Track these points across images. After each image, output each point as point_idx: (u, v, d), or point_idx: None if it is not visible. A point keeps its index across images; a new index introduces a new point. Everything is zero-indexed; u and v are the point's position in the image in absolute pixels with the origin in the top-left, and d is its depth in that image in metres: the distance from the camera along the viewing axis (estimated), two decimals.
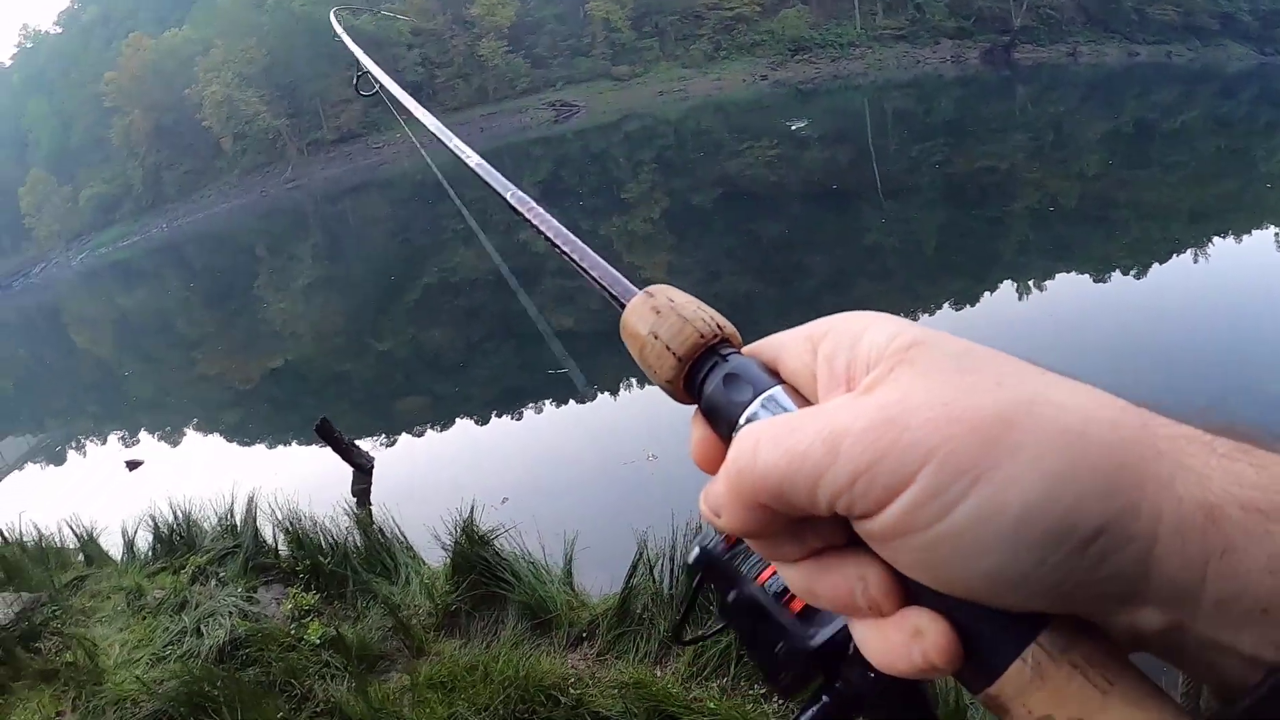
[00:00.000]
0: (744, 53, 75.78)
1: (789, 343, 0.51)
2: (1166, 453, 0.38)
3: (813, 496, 0.41)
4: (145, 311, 37.82)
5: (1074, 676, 0.38)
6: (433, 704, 4.46)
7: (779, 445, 0.43)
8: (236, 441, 15.47)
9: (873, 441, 0.40)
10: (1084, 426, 0.38)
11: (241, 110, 74.09)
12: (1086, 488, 0.37)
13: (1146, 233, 18.42)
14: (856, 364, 0.45)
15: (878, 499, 0.40)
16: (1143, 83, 53.00)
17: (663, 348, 0.54)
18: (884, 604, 0.42)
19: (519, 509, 6.85)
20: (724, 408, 0.50)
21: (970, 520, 0.38)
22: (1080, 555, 0.37)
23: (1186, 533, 0.37)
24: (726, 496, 0.45)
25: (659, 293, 0.59)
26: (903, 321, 0.46)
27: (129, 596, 6.51)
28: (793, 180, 31.16)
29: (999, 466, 0.38)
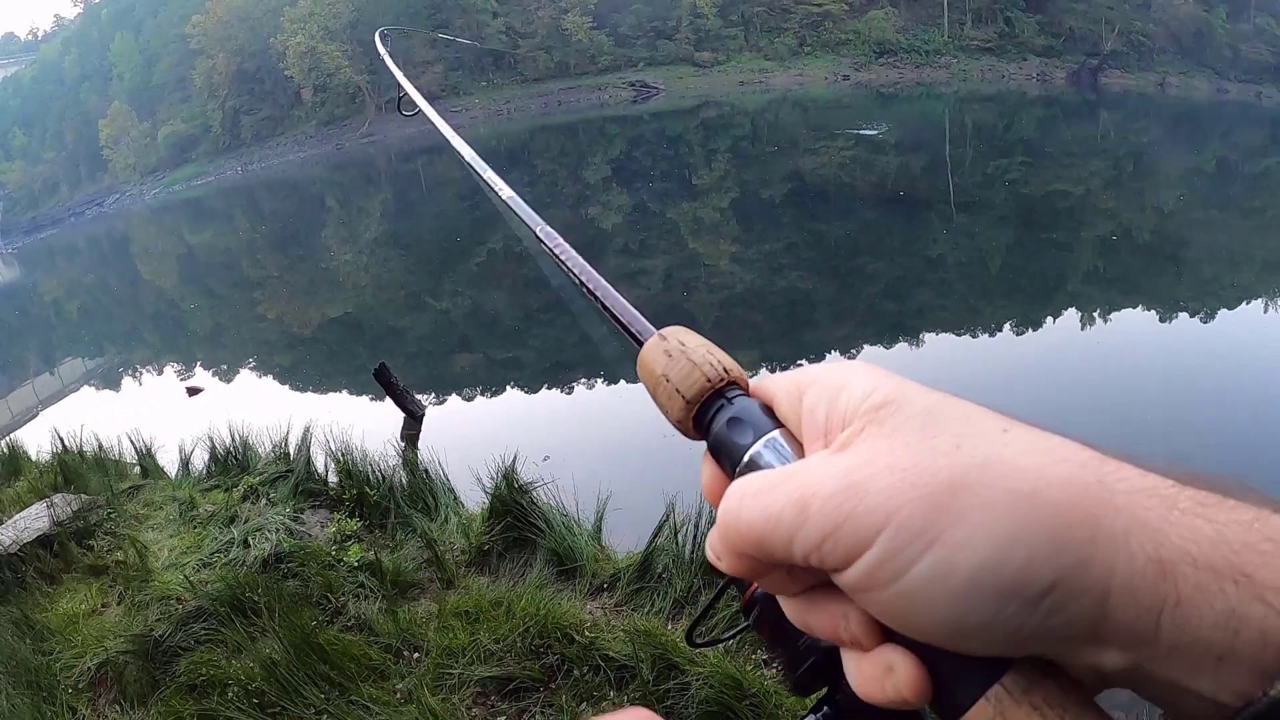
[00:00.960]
0: (828, 50, 74.96)
1: (781, 388, 0.55)
2: (1123, 508, 0.41)
3: (788, 552, 0.46)
4: (212, 249, 38.52)
5: (1033, 717, 0.42)
6: (456, 630, 4.73)
7: (757, 504, 0.47)
8: (290, 384, 15.83)
9: (836, 507, 0.44)
10: (1034, 487, 0.41)
11: (324, 63, 74.41)
12: (1036, 547, 0.40)
13: (1217, 276, 18.16)
14: (833, 418, 0.50)
15: (842, 558, 0.44)
16: (1229, 121, 51.74)
17: (673, 390, 0.59)
18: (863, 640, 0.47)
19: (559, 467, 7.13)
20: (728, 448, 0.55)
21: (925, 580, 0.41)
22: (1034, 608, 0.40)
23: (1138, 586, 0.39)
24: (720, 546, 0.50)
25: (671, 336, 0.62)
26: (879, 375, 0.50)
27: (181, 507, 6.85)
28: (865, 183, 31.01)
29: (950, 530, 0.41)
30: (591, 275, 0.83)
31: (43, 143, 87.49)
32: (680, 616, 5.06)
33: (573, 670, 4.44)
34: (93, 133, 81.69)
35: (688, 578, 5.23)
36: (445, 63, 75.95)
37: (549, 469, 6.95)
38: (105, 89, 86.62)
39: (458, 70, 76.26)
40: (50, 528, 6.27)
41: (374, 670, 4.51)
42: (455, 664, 4.48)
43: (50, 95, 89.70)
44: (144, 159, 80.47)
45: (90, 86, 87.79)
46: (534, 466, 6.98)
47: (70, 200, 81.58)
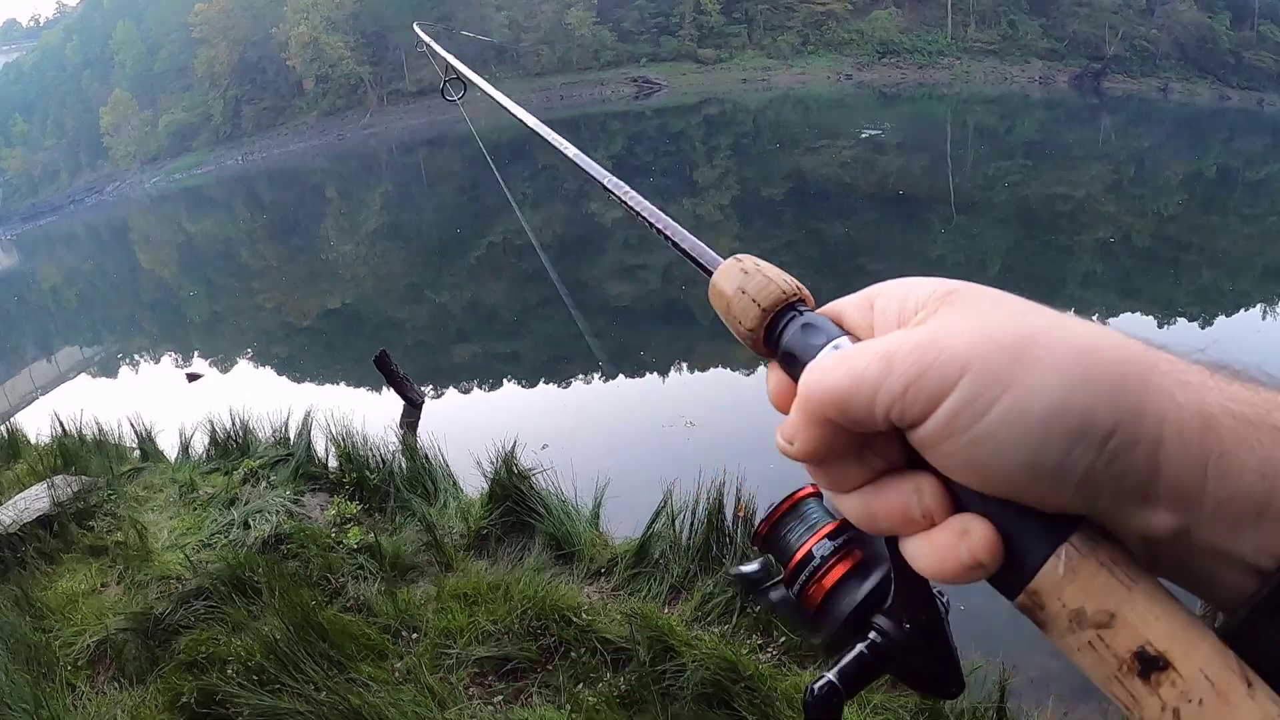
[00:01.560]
0: (831, 49, 75.00)
1: (850, 302, 0.58)
2: (1168, 371, 0.44)
3: (871, 408, 0.48)
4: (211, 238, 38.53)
5: (1100, 573, 0.44)
6: (454, 612, 4.77)
7: (842, 366, 0.50)
8: (289, 373, 15.84)
9: (919, 357, 0.46)
10: (1094, 344, 0.45)
11: (326, 54, 74.46)
12: (1098, 393, 0.43)
13: (1215, 282, 18.20)
14: (906, 310, 0.53)
15: (925, 406, 0.46)
16: (1231, 128, 51.75)
17: (749, 300, 0.61)
18: (936, 511, 0.48)
19: (558, 454, 7.16)
20: (800, 352, 0.57)
21: (1002, 422, 0.44)
22: (1098, 451, 0.43)
23: (1186, 436, 0.42)
24: (798, 419, 0.51)
25: (746, 259, 0.65)
26: (943, 279, 0.54)
27: (181, 490, 6.88)
28: (866, 183, 31.01)
29: (1024, 376, 0.44)
30: (660, 216, 0.87)
31: (43, 130, 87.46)
32: (677, 601, 5.10)
33: (570, 652, 4.48)
34: (93, 120, 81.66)
35: (684, 563, 5.27)
36: None
37: (548, 456, 6.99)
38: (107, 76, 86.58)
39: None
40: (50, 508, 6.28)
41: (373, 650, 4.54)
42: (453, 644, 4.52)
43: (51, 82, 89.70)
44: (144, 147, 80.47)
45: (92, 74, 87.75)
46: (533, 454, 7.01)
47: (70, 187, 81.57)
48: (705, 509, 5.51)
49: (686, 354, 13.18)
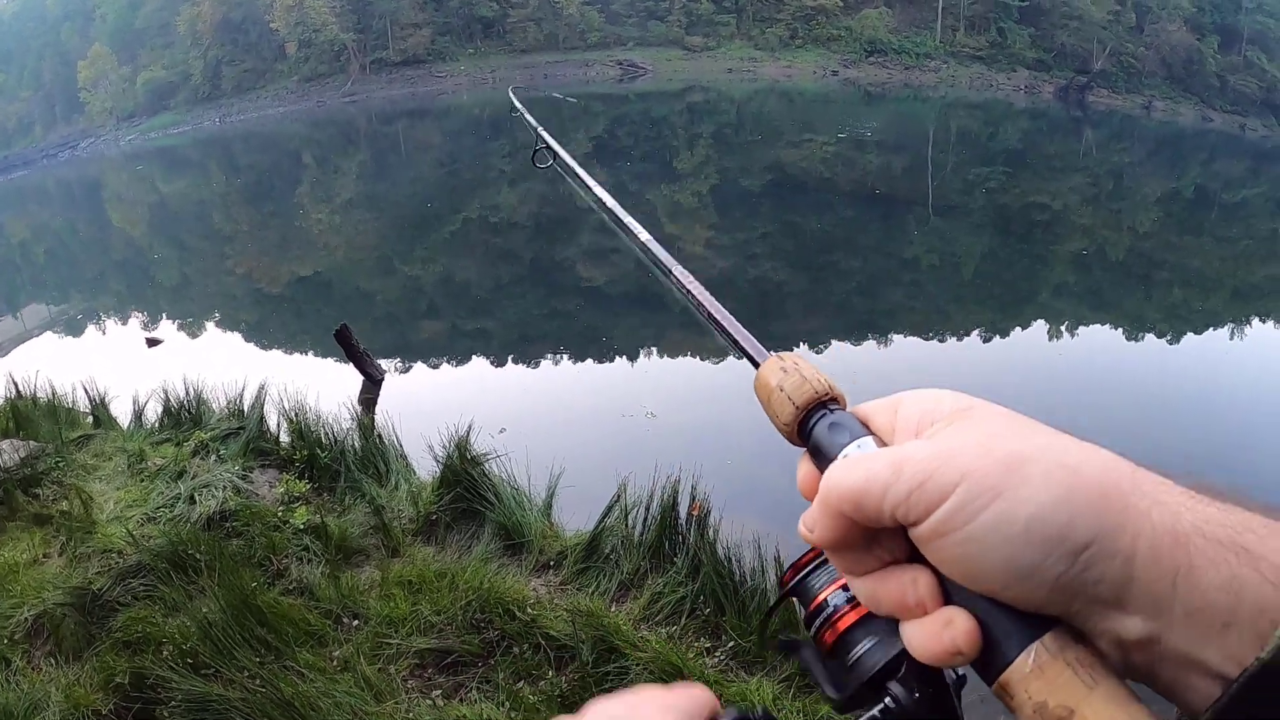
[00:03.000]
0: (819, 45, 75.03)
1: (877, 406, 0.64)
2: (1148, 492, 0.50)
3: (880, 506, 0.53)
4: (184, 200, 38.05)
5: (1066, 672, 0.49)
6: (398, 600, 4.69)
7: (859, 468, 0.56)
8: (255, 340, 15.68)
9: (925, 466, 0.52)
10: (1080, 464, 0.50)
11: (311, 18, 73.51)
12: (1079, 508, 0.48)
13: (1186, 300, 18.35)
14: (924, 420, 0.59)
15: (925, 509, 0.52)
16: (1211, 149, 52.22)
17: (785, 398, 0.68)
18: (928, 601, 0.54)
19: (515, 439, 7.09)
20: (826, 447, 0.63)
21: (991, 524, 0.49)
22: (1074, 559, 0.48)
23: (1158, 551, 0.47)
24: (819, 511, 0.57)
25: (788, 358, 0.72)
26: (966, 397, 0.60)
27: (130, 459, 6.75)
28: (845, 179, 31.07)
29: (1015, 488, 0.49)
30: (719, 309, 0.99)
31: (20, 81, 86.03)
32: (626, 599, 5.04)
33: (512, 647, 4.42)
34: (71, 74, 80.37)
35: (635, 560, 5.22)
36: (434, 26, 75.48)
37: (504, 441, 6.91)
38: (87, 30, 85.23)
39: (445, 35, 75.79)
40: None
41: (312, 636, 4.45)
42: (395, 634, 4.45)
43: (30, 33, 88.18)
44: (121, 104, 79.36)
45: (72, 26, 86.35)
46: (490, 438, 6.93)
47: (44, 141, 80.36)
48: (659, 505, 5.46)
49: (654, 341, 13.15)
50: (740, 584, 4.96)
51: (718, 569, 4.96)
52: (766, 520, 6.50)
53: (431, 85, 72.63)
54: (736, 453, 8.68)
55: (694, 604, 4.86)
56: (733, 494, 6.47)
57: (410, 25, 74.74)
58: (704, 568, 4.97)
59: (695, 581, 4.96)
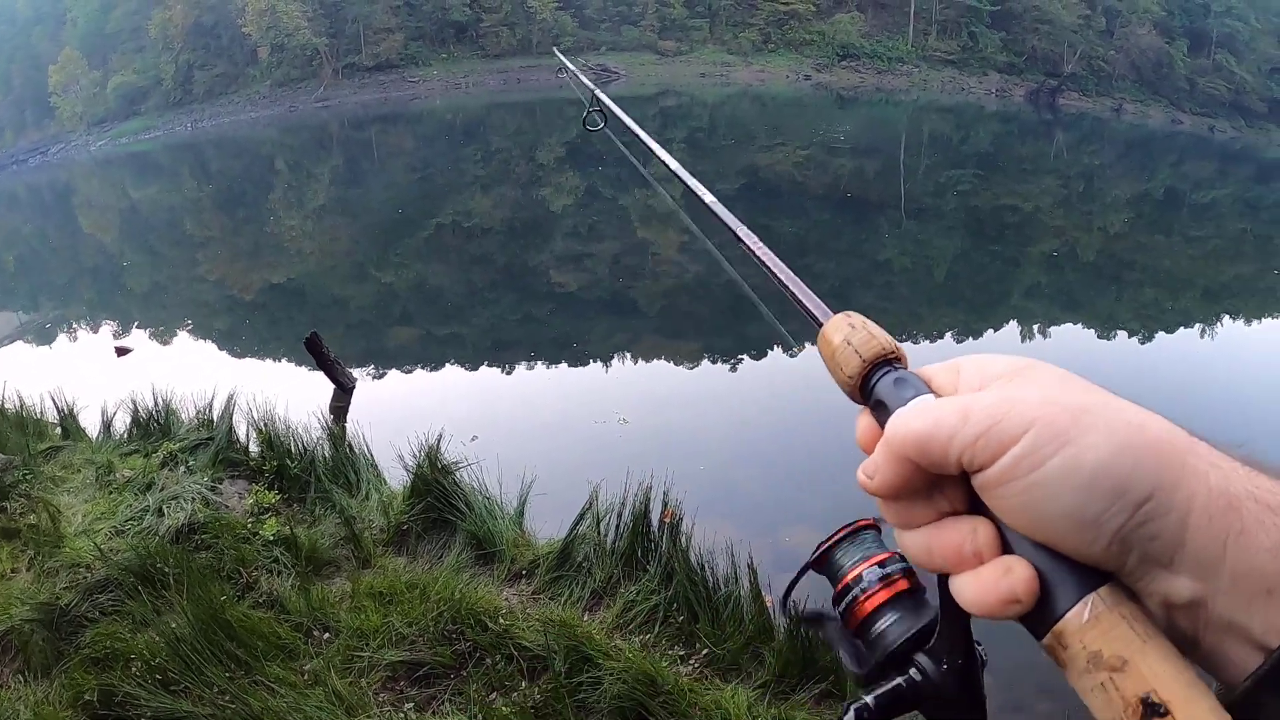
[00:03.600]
0: (792, 49, 75.29)
1: (939, 369, 0.65)
2: (1204, 455, 0.51)
3: (946, 451, 0.54)
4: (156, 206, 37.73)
5: (1120, 624, 0.50)
6: (369, 612, 4.66)
7: (925, 414, 0.56)
8: (227, 348, 15.54)
9: (993, 412, 0.53)
10: (1145, 421, 0.52)
11: (283, 22, 72.92)
12: (1141, 462, 0.49)
13: (1157, 300, 18.54)
14: (986, 377, 0.60)
15: (992, 453, 0.52)
16: (1180, 151, 52.80)
17: (853, 351, 0.68)
18: (986, 551, 0.54)
19: (486, 447, 7.07)
20: (890, 401, 0.63)
21: (1056, 472, 0.50)
22: (1133, 512, 0.49)
23: (1212, 512, 0.48)
24: (881, 456, 0.58)
25: (855, 316, 0.72)
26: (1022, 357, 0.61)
27: (99, 471, 6.68)
28: (818, 183, 31.19)
29: (1080, 436, 0.50)
30: (783, 269, 0.99)
31: None
32: (599, 608, 5.03)
33: (485, 658, 4.40)
34: (42, 78, 79.45)
35: (608, 568, 5.21)
36: (406, 31, 75.17)
37: (476, 449, 6.90)
38: (58, 34, 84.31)
39: (418, 40, 75.50)
40: None
41: (282, 649, 4.41)
42: (366, 646, 4.42)
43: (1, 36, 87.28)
44: (92, 109, 78.54)
45: (43, 30, 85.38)
46: (461, 446, 6.93)
47: (14, 147, 79.37)
48: (632, 512, 5.45)
49: (627, 346, 13.15)
50: (714, 591, 4.96)
51: (690, 576, 4.95)
52: (739, 526, 6.52)
53: (404, 90, 72.34)
54: (709, 458, 8.70)
55: (667, 612, 4.86)
56: (705, 500, 6.46)
57: (383, 30, 74.44)
58: (677, 575, 4.96)
59: (668, 589, 4.95)
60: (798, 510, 7.38)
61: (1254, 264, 24.39)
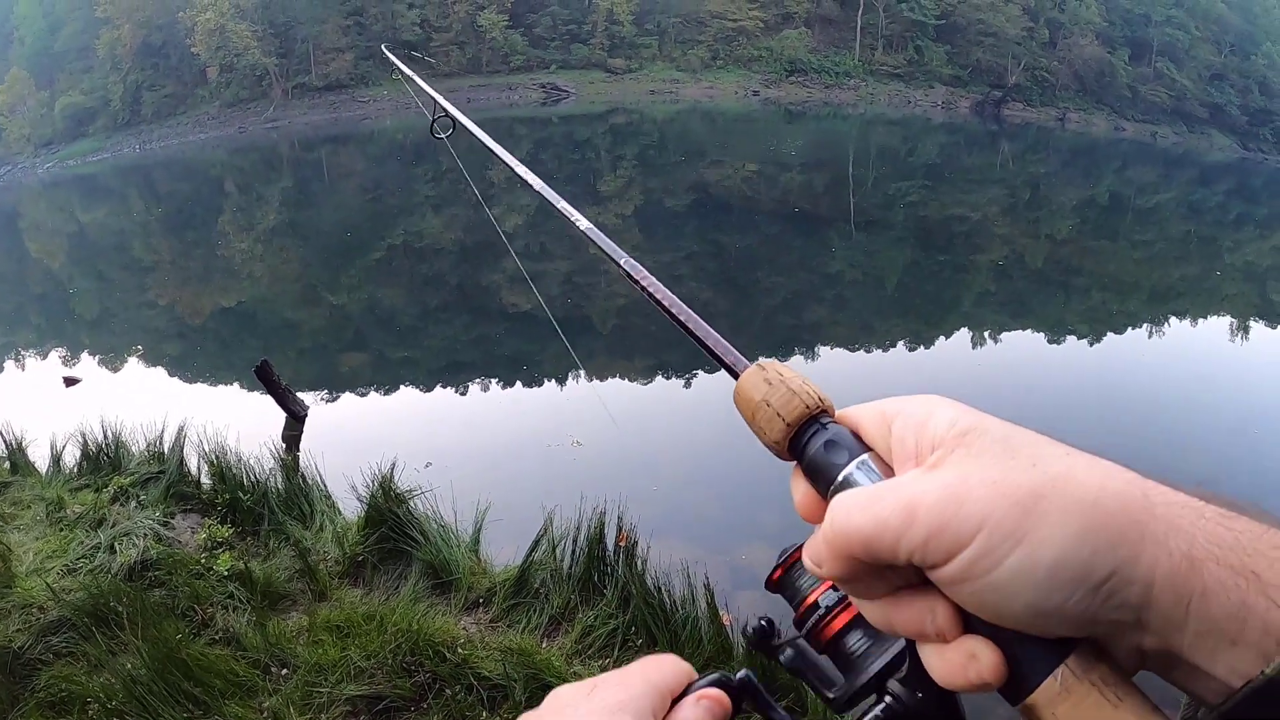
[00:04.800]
0: (740, 65, 75.85)
1: (867, 416, 0.63)
2: (1162, 516, 0.50)
3: (894, 551, 0.53)
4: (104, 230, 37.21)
5: (1092, 692, 0.50)
6: (326, 646, 4.64)
7: (867, 511, 0.55)
8: (177, 374, 15.34)
9: (940, 511, 0.52)
10: (1096, 497, 0.50)
11: (232, 42, 72.27)
12: (1099, 545, 0.49)
13: (1105, 303, 18.87)
14: (923, 443, 0.57)
15: (944, 555, 0.52)
16: (1124, 158, 53.82)
17: (774, 414, 0.64)
18: (947, 632, 0.54)
19: (440, 474, 7.08)
20: (824, 468, 0.61)
21: (1014, 571, 0.50)
22: (1096, 593, 0.49)
23: (1175, 578, 0.49)
24: (827, 551, 0.57)
25: (769, 366, 0.69)
26: (959, 407, 0.59)
27: (49, 508, 6.57)
28: (768, 198, 31.39)
29: (1034, 531, 0.50)
30: (682, 308, 0.89)
31: None
32: (557, 634, 5.05)
33: (445, 689, 4.39)
34: None
35: (565, 593, 5.23)
36: (356, 51, 74.79)
37: (430, 476, 6.89)
38: (4, 53, 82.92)
39: (368, 59, 75.03)
40: None
41: (240, 687, 4.38)
42: (324, 681, 4.39)
43: None
44: (39, 130, 77.23)
45: None
46: (415, 473, 6.92)
47: None
48: (587, 537, 5.48)
49: (578, 367, 13.16)
50: (671, 613, 4.99)
51: (647, 599, 4.98)
52: (695, 546, 6.56)
53: (354, 110, 71.95)
54: (663, 479, 8.74)
55: (626, 635, 4.88)
56: (660, 521, 6.51)
57: (333, 49, 74.08)
58: (634, 598, 4.99)
59: (626, 613, 4.98)
60: (753, 528, 7.43)
61: (1198, 265, 24.95)
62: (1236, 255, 26.88)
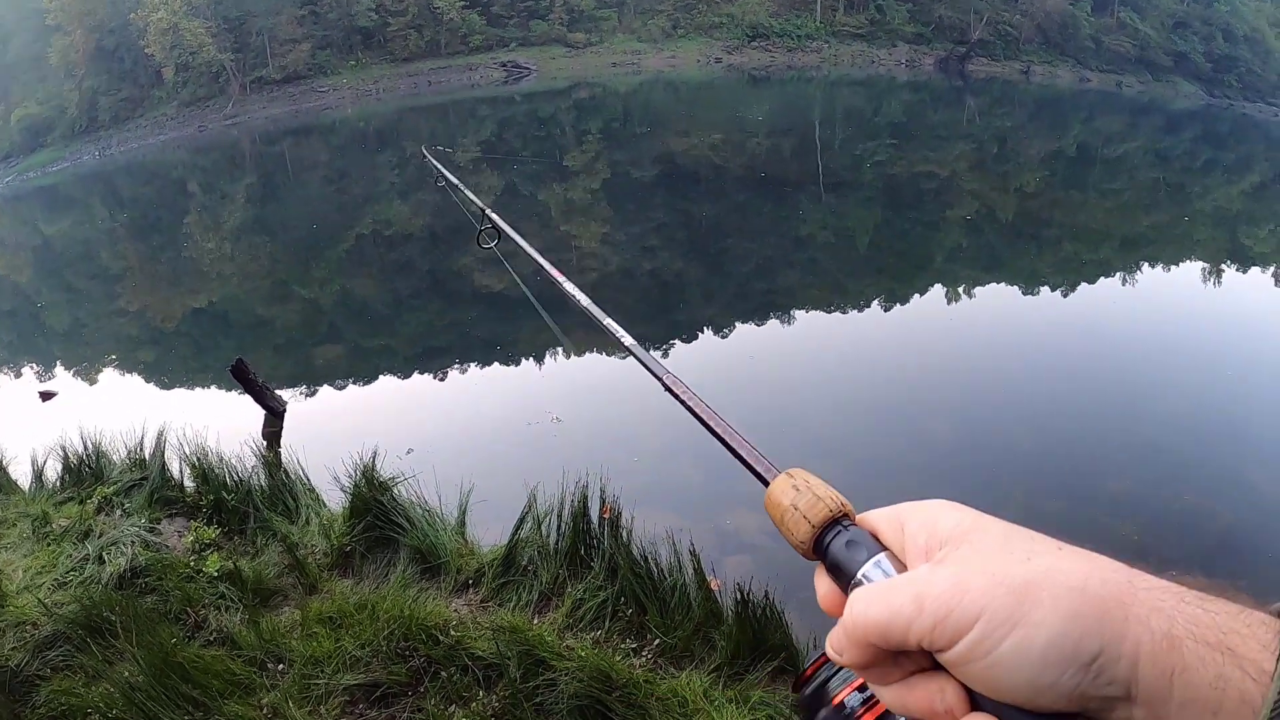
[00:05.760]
0: (701, 33, 75.42)
1: (883, 519, 0.71)
2: (1145, 600, 0.57)
3: (905, 637, 0.61)
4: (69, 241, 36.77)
5: None
6: (320, 638, 4.67)
7: (882, 602, 0.62)
8: (153, 380, 15.25)
9: (945, 602, 0.59)
10: (1084, 584, 0.57)
11: (187, 40, 71.18)
12: (1087, 627, 0.55)
13: (1077, 253, 18.98)
14: (932, 541, 0.65)
15: (950, 639, 0.59)
16: (1090, 108, 53.93)
17: (801, 516, 0.72)
18: (956, 709, 0.61)
19: (422, 460, 7.10)
20: (845, 564, 0.69)
21: (1010, 653, 0.56)
22: (1086, 670, 0.55)
23: (1157, 654, 0.55)
24: (847, 640, 0.64)
25: (798, 475, 0.77)
26: (964, 510, 0.67)
27: (35, 524, 6.55)
28: (736, 165, 31.32)
29: (1027, 616, 0.56)
30: (719, 420, 0.99)
31: None
32: (548, 609, 5.10)
33: (440, 672, 4.43)
34: None
35: (553, 569, 5.28)
36: (313, 41, 73.93)
37: (412, 462, 6.92)
38: None
39: (325, 49, 74.26)
40: None
41: (238, 686, 4.40)
42: (321, 673, 4.43)
43: None
44: None
45: None
46: (397, 460, 6.96)
47: None
48: (571, 511, 5.52)
49: (554, 344, 13.17)
50: (659, 581, 5.05)
51: (635, 569, 5.03)
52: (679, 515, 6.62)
53: (314, 101, 71.17)
54: (643, 450, 8.79)
55: (615, 606, 4.94)
56: (643, 492, 6.56)
57: (289, 41, 73.18)
58: (621, 569, 5.04)
59: (614, 584, 5.03)
60: (736, 495, 7.47)
61: (1168, 212, 25.11)
62: (1206, 200, 27.06)
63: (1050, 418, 9.90)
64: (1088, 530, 7.12)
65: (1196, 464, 8.78)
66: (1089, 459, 8.78)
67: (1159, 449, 9.08)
